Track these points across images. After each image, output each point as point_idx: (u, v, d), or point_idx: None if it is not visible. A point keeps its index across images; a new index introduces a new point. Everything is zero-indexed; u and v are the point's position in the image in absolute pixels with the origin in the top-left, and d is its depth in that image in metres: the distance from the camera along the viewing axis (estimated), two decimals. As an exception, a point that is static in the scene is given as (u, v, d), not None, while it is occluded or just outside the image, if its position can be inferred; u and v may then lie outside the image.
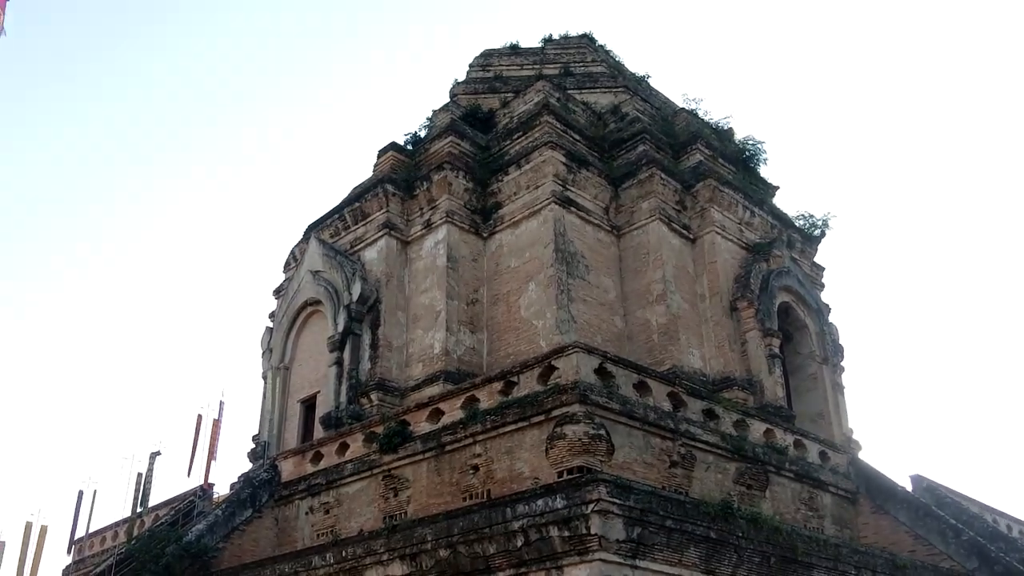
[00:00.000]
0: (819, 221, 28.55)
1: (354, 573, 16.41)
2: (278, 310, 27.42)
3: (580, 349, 16.33)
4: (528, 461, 16.26)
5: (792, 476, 19.56)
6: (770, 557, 15.70)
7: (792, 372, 25.38)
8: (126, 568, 21.98)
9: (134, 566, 21.74)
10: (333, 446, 21.23)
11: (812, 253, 28.17)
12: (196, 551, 21.08)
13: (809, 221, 28.54)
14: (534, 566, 13.68)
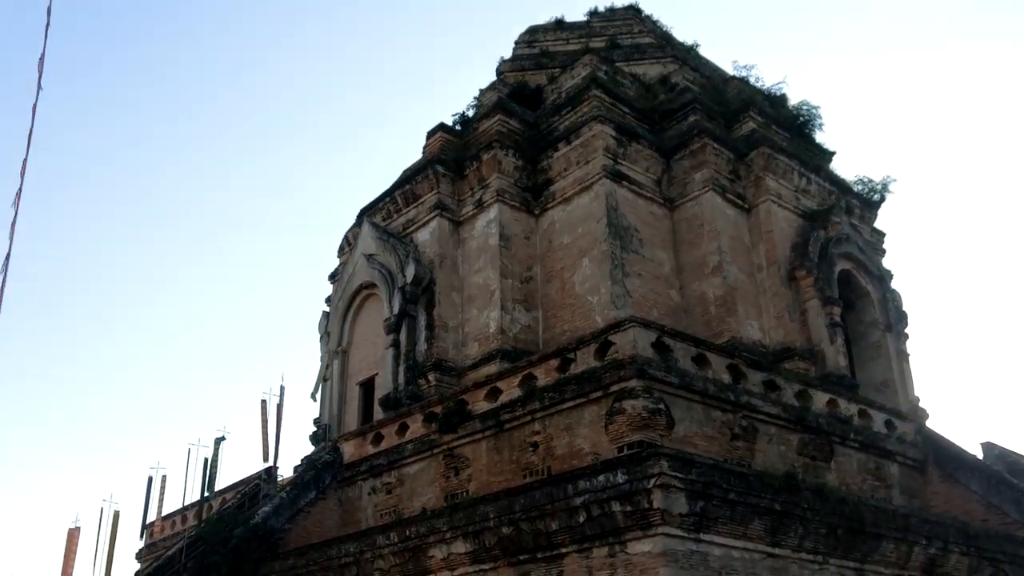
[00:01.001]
0: (878, 185, 27.88)
1: (418, 551, 16.52)
2: (334, 295, 27.63)
3: (637, 323, 16.18)
4: (587, 437, 16.18)
5: (857, 446, 19.23)
6: (837, 528, 15.46)
7: (854, 341, 24.92)
8: (196, 551, 22.41)
9: (204, 548, 22.15)
10: (393, 427, 21.38)
11: (872, 218, 27.55)
12: (263, 533, 21.42)
13: (868, 186, 27.88)
14: (597, 542, 13.63)
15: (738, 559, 13.75)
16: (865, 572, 16.10)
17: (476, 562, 15.57)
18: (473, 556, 15.58)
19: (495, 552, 15.21)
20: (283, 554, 20.62)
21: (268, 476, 25.78)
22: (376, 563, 17.39)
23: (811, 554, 15.00)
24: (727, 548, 13.63)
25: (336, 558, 18.36)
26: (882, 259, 26.84)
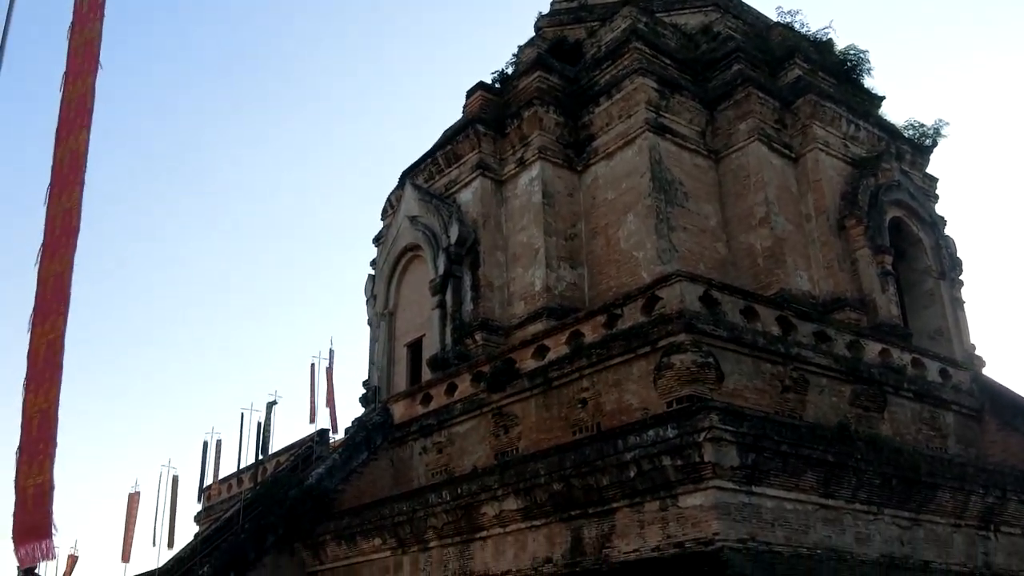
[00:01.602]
0: (930, 130, 27.19)
1: (470, 509, 16.66)
2: (379, 257, 27.76)
3: (683, 278, 16.03)
4: (636, 393, 16.14)
5: (911, 396, 18.96)
6: (891, 479, 15.31)
7: (907, 289, 24.50)
8: (253, 512, 22.87)
9: (260, 510, 22.59)
10: (442, 387, 21.52)
11: (924, 164, 26.92)
12: (317, 494, 21.77)
13: (919, 131, 27.21)
14: (648, 496, 13.63)
15: (791, 511, 13.68)
16: (920, 522, 15.95)
17: (528, 518, 15.67)
18: (524, 512, 15.68)
19: (546, 508, 15.29)
20: (337, 514, 20.94)
21: (320, 438, 26.17)
22: (429, 521, 17.60)
23: (865, 505, 14.88)
24: (779, 500, 13.56)
25: (390, 517, 18.60)
26: (935, 205, 26.27)
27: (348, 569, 20.19)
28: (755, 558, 12.63)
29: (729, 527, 12.68)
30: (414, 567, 18.22)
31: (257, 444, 27.68)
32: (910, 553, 15.44)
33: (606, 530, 14.30)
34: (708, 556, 12.42)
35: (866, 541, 14.74)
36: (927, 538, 15.96)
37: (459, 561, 17.07)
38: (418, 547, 18.12)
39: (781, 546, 13.23)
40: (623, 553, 13.88)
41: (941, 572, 15.74)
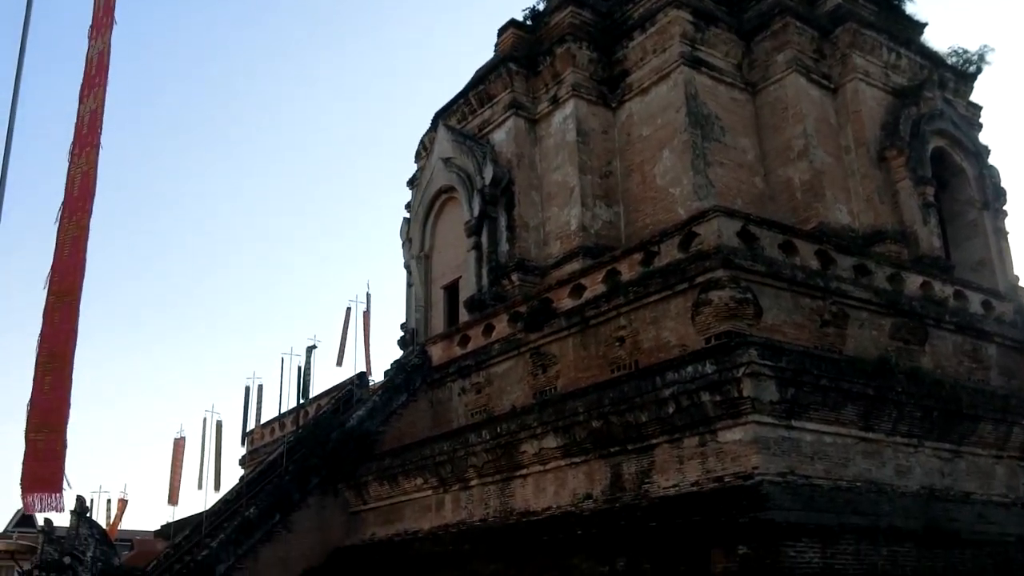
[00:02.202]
0: (974, 56, 26.42)
1: (510, 448, 16.84)
2: (413, 200, 27.74)
3: (721, 213, 15.87)
4: (674, 330, 16.10)
5: (953, 328, 18.74)
6: (932, 411, 15.23)
7: (949, 220, 24.09)
8: (296, 455, 23.30)
9: (303, 452, 23.02)
10: (479, 328, 21.62)
11: (967, 92, 26.24)
12: (359, 435, 22.11)
13: (963, 57, 26.45)
14: (687, 432, 13.68)
15: (830, 444, 13.68)
16: (961, 454, 15.89)
17: (567, 456, 15.82)
18: (564, 450, 15.82)
19: (586, 445, 15.41)
20: (379, 455, 21.27)
21: (360, 381, 26.49)
22: (470, 460, 17.82)
23: (905, 437, 14.84)
24: (819, 434, 13.55)
25: (430, 457, 18.86)
26: (978, 134, 25.66)
27: (390, 508, 20.57)
28: (794, 491, 12.67)
29: (768, 461, 12.72)
30: (455, 505, 18.51)
31: (298, 388, 28.10)
32: (951, 485, 15.42)
33: (645, 466, 14.40)
34: (747, 490, 12.48)
35: (906, 473, 14.73)
36: (968, 470, 15.92)
37: (500, 499, 17.31)
38: (459, 486, 18.39)
39: (820, 479, 13.25)
40: (662, 488, 13.99)
41: (982, 503, 15.72)
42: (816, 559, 11.48)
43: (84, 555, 23.40)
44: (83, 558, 23.37)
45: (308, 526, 21.44)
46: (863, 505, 13.39)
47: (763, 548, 11.34)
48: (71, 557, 23.98)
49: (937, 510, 14.42)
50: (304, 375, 28.13)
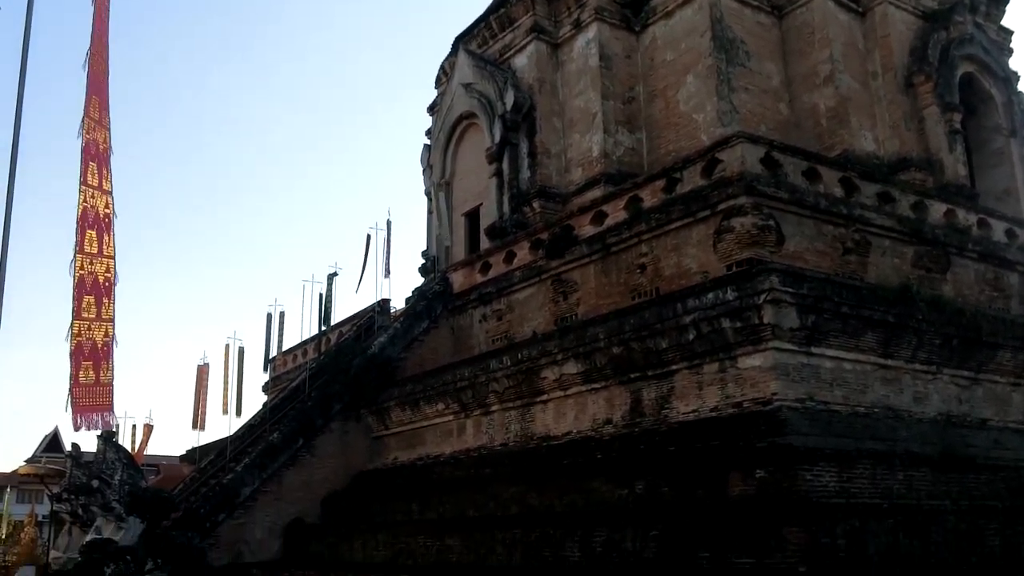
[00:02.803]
0: (1007, -22, 25.77)
1: (531, 374, 17.04)
2: (434, 126, 27.60)
3: (744, 139, 15.75)
4: (695, 257, 16.13)
5: (975, 256, 18.67)
6: (952, 339, 15.28)
7: (975, 148, 23.77)
8: (318, 381, 23.66)
9: (325, 379, 23.37)
10: (500, 255, 21.70)
11: (999, 15, 25.62)
12: (380, 362, 22.40)
13: (995, -21, 25.80)
14: (707, 358, 13.81)
15: (849, 371, 13.79)
16: (980, 381, 15.98)
17: (588, 382, 16.01)
18: (585, 376, 16.01)
19: (606, 371, 15.58)
20: (400, 381, 21.57)
21: (382, 308, 26.69)
22: (491, 386, 18.06)
23: (924, 365, 14.93)
24: (838, 360, 13.65)
25: (452, 383, 19.12)
26: (1009, 59, 25.15)
27: (412, 433, 20.93)
28: (812, 417, 12.82)
29: (787, 387, 12.86)
30: (476, 430, 18.82)
31: (319, 315, 28.35)
32: (968, 411, 15.54)
33: (665, 392, 14.58)
34: (766, 415, 12.64)
35: (924, 400, 14.85)
36: (986, 397, 16.02)
37: (520, 424, 17.58)
38: (480, 411, 18.67)
39: (839, 405, 13.40)
40: (682, 414, 14.19)
41: (998, 429, 15.86)
42: (833, 483, 11.65)
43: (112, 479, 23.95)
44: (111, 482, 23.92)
45: (331, 450, 21.88)
46: (880, 431, 13.54)
47: (780, 472, 11.51)
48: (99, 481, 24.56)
49: (953, 436, 14.57)
50: (325, 302, 28.35)
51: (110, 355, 10.32)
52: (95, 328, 10.30)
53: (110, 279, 10.48)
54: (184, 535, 12.75)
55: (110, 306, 10.43)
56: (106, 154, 11.10)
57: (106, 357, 10.21)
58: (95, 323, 10.29)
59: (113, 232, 10.56)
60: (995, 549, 12.40)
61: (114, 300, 10.48)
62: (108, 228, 10.43)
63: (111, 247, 10.53)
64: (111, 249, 10.52)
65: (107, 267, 10.43)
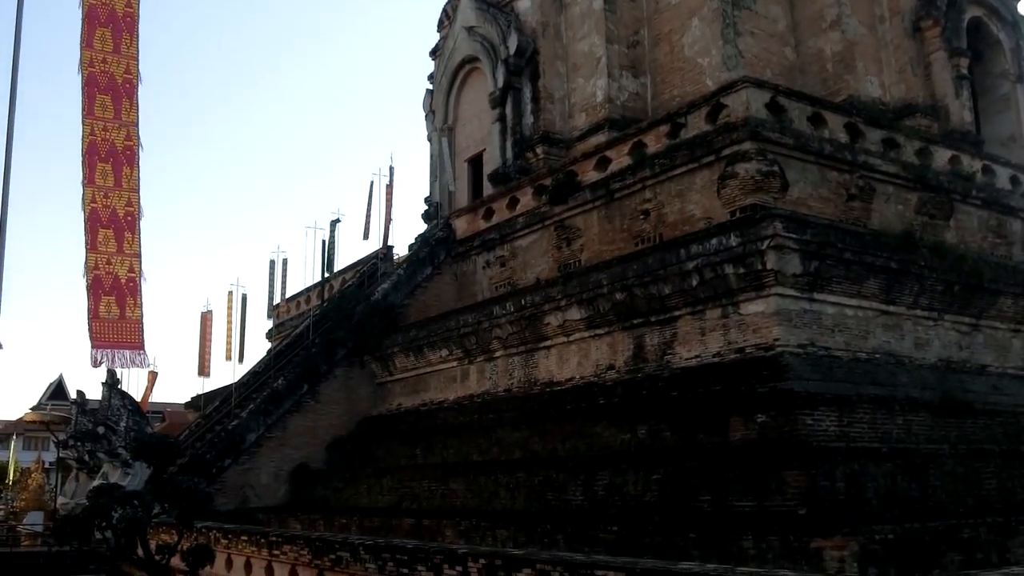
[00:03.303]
0: (1017, -82, 25.33)
1: (534, 319, 17.11)
2: (436, 71, 27.35)
3: (749, 84, 15.62)
4: (699, 203, 16.09)
5: (979, 203, 18.62)
6: (953, 285, 15.32)
7: (981, 94, 23.58)
8: (322, 328, 23.76)
9: (329, 325, 23.46)
10: (503, 201, 21.65)
11: (1007, -41, 25.28)
12: (384, 308, 22.47)
13: (1005, -80, 25.37)
14: (710, 303, 13.86)
15: (851, 317, 13.85)
16: (980, 327, 16.05)
17: (591, 327, 16.08)
18: (588, 322, 16.08)
19: (609, 317, 15.65)
20: (404, 327, 21.65)
21: (385, 255, 26.70)
22: (494, 332, 18.15)
23: (926, 311, 14.99)
24: (840, 307, 13.71)
25: (455, 329, 19.21)
26: (1017, 3, 24.83)
27: (416, 379, 21.07)
28: (814, 362, 12.90)
29: (789, 333, 12.92)
30: (480, 376, 18.94)
31: (322, 262, 28.37)
32: (968, 357, 15.63)
33: (668, 337, 14.66)
34: (768, 360, 12.72)
35: (925, 346, 14.94)
36: (986, 343, 16.11)
37: (524, 369, 17.70)
38: (483, 357, 18.79)
39: (840, 351, 13.48)
40: (684, 359, 14.28)
41: (997, 375, 15.97)
42: (833, 427, 11.76)
43: (117, 425, 24.19)
44: (116, 428, 24.16)
45: (335, 397, 22.07)
46: (881, 376, 13.63)
47: (781, 416, 11.62)
48: (105, 427, 24.81)
49: (953, 381, 14.67)
50: (328, 249, 28.36)
51: (137, 291, 10.18)
52: (116, 263, 10.16)
53: (132, 212, 10.33)
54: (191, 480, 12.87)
55: (134, 240, 10.28)
56: (128, 86, 10.86)
57: (132, 293, 10.08)
58: (116, 257, 10.15)
59: (137, 165, 10.37)
60: (991, 492, 12.55)
61: (139, 234, 10.34)
62: (131, 161, 10.22)
63: (133, 180, 10.36)
64: (133, 183, 10.36)
65: (128, 200, 10.27)
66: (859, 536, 9.31)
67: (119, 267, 10.49)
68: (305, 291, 31.67)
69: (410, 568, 10.46)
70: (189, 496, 11.95)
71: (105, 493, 12.11)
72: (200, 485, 12.51)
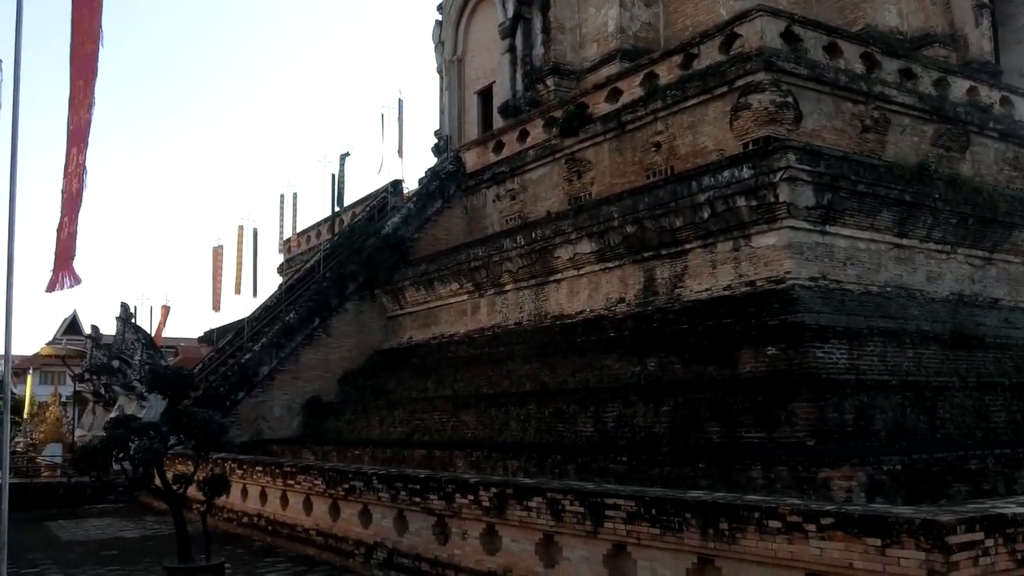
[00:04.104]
0: None
1: (544, 253, 17.09)
2: (445, 1, 26.94)
3: (764, 13, 15.31)
4: (711, 135, 15.92)
5: (996, 135, 18.36)
6: (967, 218, 15.20)
7: (1002, 23, 23.07)
8: (332, 262, 23.80)
9: (340, 259, 23.50)
10: (513, 134, 21.48)
11: None
12: (394, 242, 22.49)
13: None
14: (721, 237, 13.79)
15: (863, 250, 13.77)
16: (993, 261, 15.97)
17: (601, 261, 16.06)
18: (598, 255, 16.04)
19: (620, 251, 15.61)
20: (414, 261, 21.68)
21: (394, 188, 26.64)
22: (504, 265, 18.15)
23: (939, 244, 14.90)
24: (853, 240, 13.62)
25: (466, 262, 19.21)
26: (1041, -72, 24.20)
27: (427, 313, 21.15)
28: (825, 295, 12.87)
29: (801, 266, 12.87)
30: (490, 309, 18.99)
31: (332, 196, 28.36)
32: (980, 291, 15.58)
33: (678, 270, 14.63)
34: (779, 294, 12.69)
35: (937, 279, 14.87)
36: (999, 277, 16.03)
37: (534, 303, 17.73)
38: (494, 290, 18.82)
39: (852, 284, 13.44)
40: (695, 292, 14.26)
41: (1009, 309, 15.93)
42: (843, 360, 11.76)
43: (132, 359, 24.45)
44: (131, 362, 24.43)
45: (347, 330, 22.23)
46: (892, 309, 13.59)
47: (791, 349, 11.62)
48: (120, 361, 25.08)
49: (964, 315, 14.64)
50: (338, 183, 28.31)
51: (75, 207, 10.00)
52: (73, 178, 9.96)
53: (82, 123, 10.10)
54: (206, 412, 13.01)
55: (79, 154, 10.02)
56: None
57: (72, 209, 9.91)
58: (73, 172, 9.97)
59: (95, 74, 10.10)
60: (1000, 424, 12.60)
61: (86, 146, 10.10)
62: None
63: None
64: None
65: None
66: (867, 467, 9.39)
67: (73, 188, 10.26)
68: (315, 225, 31.70)
69: (422, 497, 10.61)
70: (204, 427, 12.07)
71: (122, 424, 12.25)
72: (215, 416, 12.64)
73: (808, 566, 6.38)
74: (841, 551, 6.11)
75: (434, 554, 10.40)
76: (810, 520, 6.34)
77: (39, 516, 19.09)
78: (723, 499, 7.23)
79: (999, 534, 5.84)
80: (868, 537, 5.95)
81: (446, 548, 10.25)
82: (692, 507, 7.28)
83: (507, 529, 9.31)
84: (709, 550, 7.11)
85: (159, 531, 16.02)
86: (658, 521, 7.53)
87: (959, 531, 5.62)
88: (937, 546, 5.56)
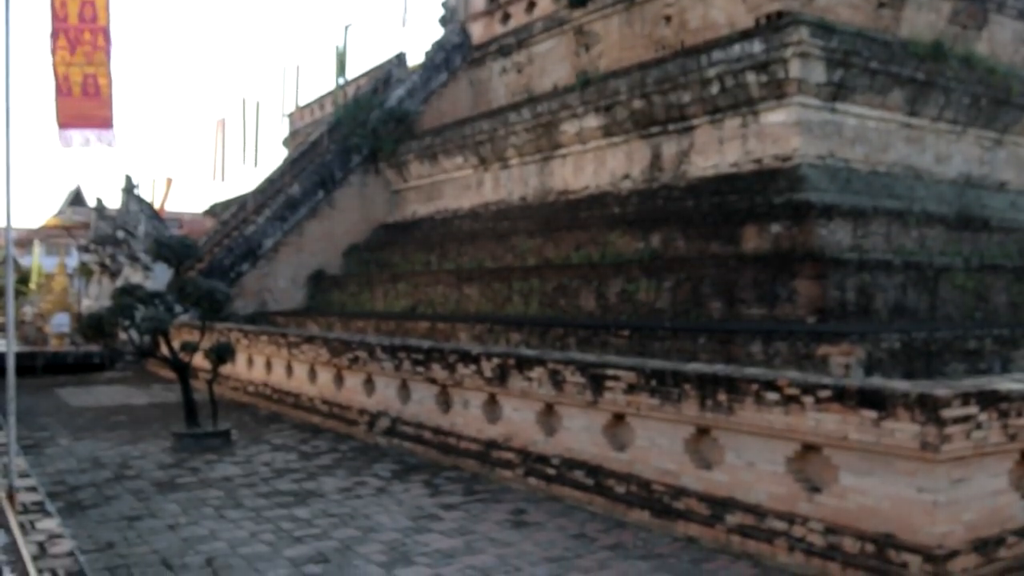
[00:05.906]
0: None
1: (550, 127, 16.91)
2: None
3: None
4: (723, 8, 15.54)
5: (1015, 14, 17.90)
6: (980, 99, 14.95)
7: None
8: (337, 135, 23.60)
9: (344, 132, 23.29)
10: (521, 5, 20.99)
11: None
12: (399, 115, 22.23)
13: None
14: (729, 112, 13.61)
15: (873, 129, 13.61)
16: (1004, 143, 15.79)
17: (607, 136, 15.89)
18: (604, 130, 15.87)
19: (626, 126, 15.43)
20: (419, 134, 21.47)
21: (399, 61, 26.17)
22: (509, 139, 17.98)
23: (950, 124, 14.70)
24: (862, 118, 13.44)
25: (471, 136, 19.03)
26: None
27: (431, 187, 21.07)
28: (832, 174, 12.79)
29: (809, 143, 12.75)
30: (495, 184, 18.91)
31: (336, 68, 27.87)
32: (988, 173, 15.46)
33: (685, 147, 14.50)
34: (786, 172, 12.61)
35: (946, 160, 14.74)
36: (1008, 159, 15.88)
37: (539, 178, 17.64)
38: (499, 165, 18.69)
39: (859, 163, 13.33)
40: (701, 169, 14.17)
41: (1016, 192, 15.84)
42: (847, 239, 11.77)
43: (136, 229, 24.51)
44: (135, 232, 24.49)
45: (351, 203, 22.19)
46: (898, 189, 13.52)
47: (796, 227, 11.61)
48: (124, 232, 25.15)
49: (971, 197, 14.57)
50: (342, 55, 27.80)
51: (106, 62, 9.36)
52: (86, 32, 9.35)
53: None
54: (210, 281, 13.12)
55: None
56: None
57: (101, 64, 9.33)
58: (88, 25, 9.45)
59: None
60: (1000, 306, 12.69)
61: None
62: None
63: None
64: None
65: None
66: (866, 344, 9.49)
67: (89, 36, 9.60)
68: (320, 98, 31.33)
69: (425, 367, 10.80)
70: (209, 295, 12.20)
71: (128, 293, 12.38)
72: (219, 285, 12.76)
73: (804, 437, 6.54)
74: (837, 423, 6.26)
75: (436, 423, 10.66)
76: (807, 392, 6.47)
77: (49, 383, 19.48)
78: (722, 371, 7.35)
79: (993, 409, 5.98)
80: (864, 409, 6.08)
81: (448, 417, 10.49)
82: (691, 378, 7.42)
83: (508, 399, 9.52)
84: (707, 421, 7.28)
85: (167, 399, 16.38)
86: (657, 392, 7.69)
87: (954, 405, 5.74)
88: (932, 419, 5.69)
